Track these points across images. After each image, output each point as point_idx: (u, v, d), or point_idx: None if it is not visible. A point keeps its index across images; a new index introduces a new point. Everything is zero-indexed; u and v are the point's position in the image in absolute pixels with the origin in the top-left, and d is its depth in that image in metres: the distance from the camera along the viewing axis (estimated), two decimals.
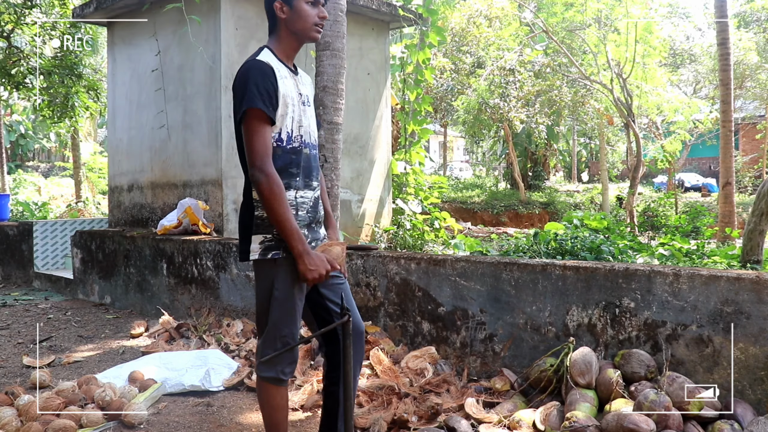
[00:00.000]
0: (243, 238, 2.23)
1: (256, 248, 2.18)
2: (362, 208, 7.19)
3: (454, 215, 17.19)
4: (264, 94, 2.07)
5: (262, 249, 2.18)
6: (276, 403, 2.26)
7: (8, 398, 3.23)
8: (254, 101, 2.05)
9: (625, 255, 5.01)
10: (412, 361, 3.42)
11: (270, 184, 2.06)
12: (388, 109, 7.62)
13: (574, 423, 2.56)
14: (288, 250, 2.16)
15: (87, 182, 20.08)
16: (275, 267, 2.18)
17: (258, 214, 2.19)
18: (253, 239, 2.19)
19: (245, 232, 2.22)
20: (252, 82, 2.07)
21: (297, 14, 2.18)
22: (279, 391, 2.26)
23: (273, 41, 2.24)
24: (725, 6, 10.46)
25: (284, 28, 2.22)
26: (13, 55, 9.67)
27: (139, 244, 5.81)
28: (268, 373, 2.23)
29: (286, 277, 2.19)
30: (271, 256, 2.17)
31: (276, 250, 2.17)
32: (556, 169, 27.73)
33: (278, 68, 2.16)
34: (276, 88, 2.11)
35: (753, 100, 22.89)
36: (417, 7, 7.57)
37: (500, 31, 15.92)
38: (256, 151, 2.07)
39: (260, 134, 2.07)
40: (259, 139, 2.07)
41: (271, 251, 2.17)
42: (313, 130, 2.30)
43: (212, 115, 5.96)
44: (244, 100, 2.07)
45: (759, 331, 2.59)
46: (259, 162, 2.06)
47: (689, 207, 15.64)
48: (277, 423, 2.29)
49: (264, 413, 2.30)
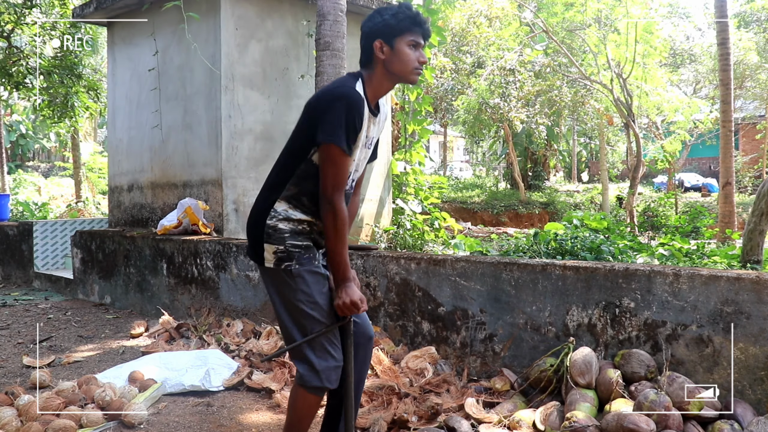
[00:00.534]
0: (254, 241, 2.23)
1: (270, 258, 2.19)
2: (362, 208, 7.19)
3: (454, 215, 17.20)
4: (351, 132, 2.06)
5: (275, 259, 2.18)
6: (307, 412, 2.25)
7: (8, 398, 3.23)
8: (340, 139, 2.04)
9: (625, 255, 5.01)
10: (412, 361, 3.42)
11: (338, 219, 2.09)
12: (388, 109, 7.62)
13: (574, 423, 2.56)
14: (300, 260, 2.18)
15: (87, 182, 20.09)
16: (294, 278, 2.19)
17: (270, 224, 2.19)
18: (266, 248, 2.19)
19: (257, 236, 2.22)
20: (345, 114, 2.04)
21: (397, 56, 2.12)
22: (316, 401, 2.24)
23: (367, 76, 2.18)
24: (725, 6, 10.46)
25: (381, 68, 2.16)
26: (13, 55, 9.68)
27: (139, 244, 5.81)
28: (316, 381, 2.18)
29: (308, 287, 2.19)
30: (285, 267, 2.18)
31: (288, 262, 2.18)
32: (556, 169, 27.72)
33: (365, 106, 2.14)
34: (359, 128, 2.11)
35: (753, 100, 22.90)
36: (417, 7, 7.57)
37: (500, 31, 15.93)
38: (333, 184, 2.08)
39: (340, 168, 2.08)
40: (337, 173, 2.08)
41: (284, 263, 2.18)
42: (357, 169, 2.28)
43: (212, 115, 5.96)
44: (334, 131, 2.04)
45: (759, 331, 2.59)
46: (333, 194, 2.08)
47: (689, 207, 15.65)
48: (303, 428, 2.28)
49: (292, 418, 2.26)
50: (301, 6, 6.40)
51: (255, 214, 2.25)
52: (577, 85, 16.09)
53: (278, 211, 2.19)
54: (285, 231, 2.19)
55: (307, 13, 6.36)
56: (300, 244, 2.20)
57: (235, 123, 5.93)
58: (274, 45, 6.25)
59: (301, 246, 2.20)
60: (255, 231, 2.23)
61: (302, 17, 6.39)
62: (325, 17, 4.76)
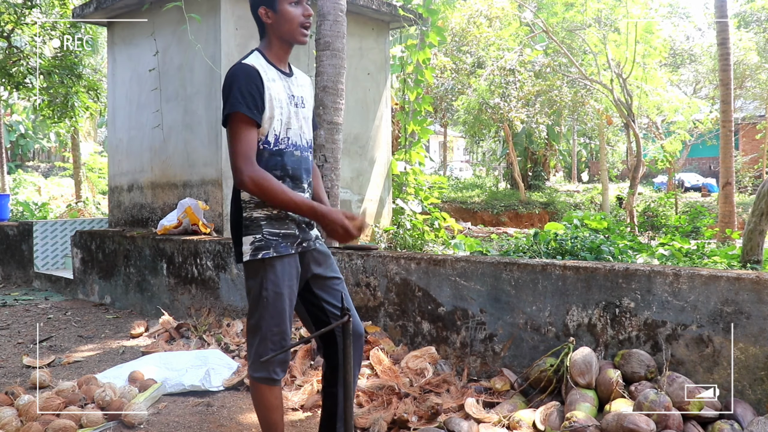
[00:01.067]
0: (235, 240, 2.24)
1: (247, 249, 2.19)
2: (362, 208, 7.19)
3: (454, 215, 17.20)
4: (248, 97, 2.07)
5: (252, 249, 2.18)
6: (270, 404, 2.27)
7: (8, 398, 3.23)
8: (237, 105, 2.05)
9: (625, 255, 5.01)
10: (412, 361, 3.42)
11: (255, 180, 2.05)
12: (388, 109, 7.62)
13: (574, 423, 2.56)
14: (278, 248, 2.18)
15: (87, 182, 20.09)
16: (265, 267, 2.18)
17: (246, 215, 2.19)
18: (244, 240, 2.19)
19: (236, 233, 2.23)
20: (236, 85, 2.07)
21: (282, 17, 2.16)
22: (272, 392, 2.26)
23: (263, 44, 2.24)
24: (725, 6, 10.46)
25: (272, 33, 2.21)
26: (13, 55, 9.68)
27: (139, 244, 5.81)
28: (260, 373, 2.23)
29: (276, 277, 2.19)
30: (262, 256, 2.17)
31: (266, 250, 2.17)
32: (556, 169, 27.72)
33: (266, 70, 2.15)
34: (262, 91, 2.11)
35: (753, 100, 22.90)
36: (417, 7, 7.57)
37: (500, 31, 15.92)
38: (238, 153, 2.06)
39: (243, 137, 2.07)
40: (240, 142, 2.07)
41: (261, 251, 2.17)
42: (305, 131, 2.29)
43: (212, 115, 5.96)
44: (227, 104, 2.07)
45: (759, 331, 2.59)
46: (241, 164, 2.06)
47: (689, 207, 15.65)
48: (273, 423, 2.29)
49: (259, 414, 2.31)
50: None
51: (231, 209, 2.26)
52: (577, 85, 16.09)
53: (245, 200, 2.20)
54: (261, 218, 2.19)
55: None
56: (278, 232, 2.20)
57: None
58: None
59: (279, 234, 2.20)
60: (234, 228, 2.24)
61: None
62: (325, 17, 4.76)
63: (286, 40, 2.22)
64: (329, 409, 2.44)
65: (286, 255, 2.20)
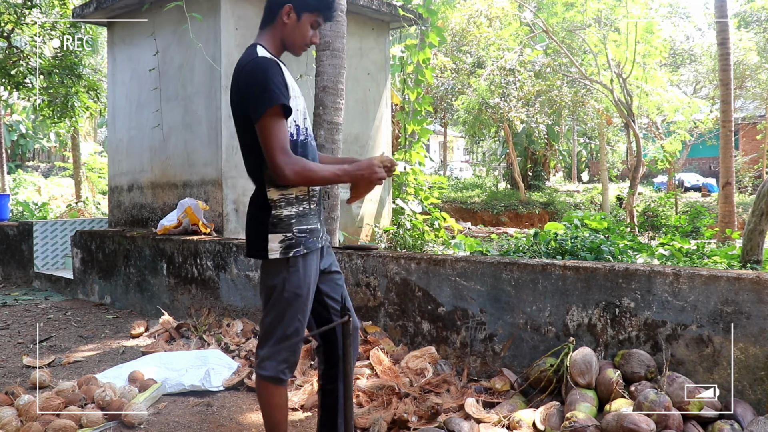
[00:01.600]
0: (258, 237, 2.21)
1: (275, 247, 2.17)
2: (362, 208, 7.19)
3: (454, 215, 17.20)
4: (283, 89, 2.07)
5: (283, 248, 2.17)
6: (276, 403, 2.27)
7: (8, 398, 3.23)
8: (279, 98, 2.03)
9: (625, 255, 5.01)
10: (412, 361, 3.42)
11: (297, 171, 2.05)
12: (388, 109, 7.62)
13: (574, 423, 2.56)
14: (307, 244, 2.20)
15: (87, 182, 20.09)
16: (291, 266, 2.19)
17: (276, 213, 2.18)
18: (271, 238, 2.17)
19: (261, 231, 2.20)
20: (269, 79, 2.04)
21: (299, 28, 2.15)
22: (279, 391, 2.27)
23: (265, 39, 2.20)
24: (725, 6, 10.46)
25: (278, 33, 2.19)
26: (13, 55, 9.67)
27: (139, 244, 5.81)
28: (269, 372, 2.24)
29: (300, 275, 2.20)
30: (293, 253, 2.17)
31: (297, 248, 2.18)
32: (556, 169, 27.72)
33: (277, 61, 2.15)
34: (286, 82, 2.11)
35: (753, 100, 22.90)
36: (417, 7, 7.57)
37: (500, 31, 15.92)
38: (277, 148, 2.04)
39: (280, 131, 2.06)
40: (278, 137, 2.05)
41: (292, 249, 2.17)
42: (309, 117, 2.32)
43: (212, 115, 5.96)
44: (265, 98, 2.03)
45: (759, 331, 2.59)
46: (281, 158, 2.04)
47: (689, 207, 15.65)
48: (278, 423, 2.29)
49: (264, 413, 2.31)
50: None
51: (254, 208, 2.24)
52: (577, 85, 16.09)
53: (275, 199, 2.18)
54: (291, 217, 2.19)
55: None
56: (306, 228, 2.21)
57: None
58: None
59: (307, 231, 2.22)
60: (256, 224, 2.21)
61: None
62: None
63: (285, 45, 2.22)
64: (329, 407, 2.44)
65: (314, 250, 2.23)
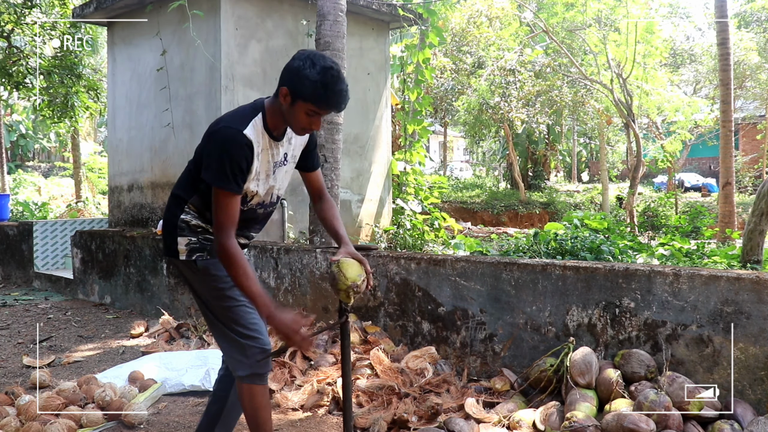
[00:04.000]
0: (168, 236, 2.26)
1: (183, 249, 2.23)
2: (362, 208, 7.19)
3: (454, 215, 17.19)
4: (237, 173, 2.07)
5: (188, 251, 2.23)
6: (258, 402, 2.23)
7: (8, 398, 3.23)
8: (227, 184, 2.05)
9: (625, 255, 5.01)
10: (412, 361, 3.42)
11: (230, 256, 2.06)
12: (388, 109, 7.62)
13: (574, 423, 2.56)
14: (212, 252, 2.21)
15: (87, 182, 20.07)
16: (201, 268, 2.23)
17: (185, 218, 2.23)
18: (180, 241, 2.23)
19: (171, 231, 2.25)
20: (227, 157, 2.05)
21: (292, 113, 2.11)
22: (260, 389, 2.23)
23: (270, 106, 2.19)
24: (725, 6, 10.45)
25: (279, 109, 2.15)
26: (13, 55, 9.67)
27: (139, 244, 5.81)
28: (244, 371, 2.20)
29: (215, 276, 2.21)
30: (196, 258, 2.22)
31: (200, 253, 2.23)
32: (556, 169, 27.72)
33: (259, 141, 2.13)
34: (250, 164, 2.11)
35: (753, 100, 22.88)
36: (417, 7, 7.57)
37: (500, 31, 15.92)
38: (223, 223, 2.08)
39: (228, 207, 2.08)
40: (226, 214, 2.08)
41: (195, 253, 2.23)
42: (277, 189, 2.29)
43: (212, 115, 5.95)
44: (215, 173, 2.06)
45: (759, 331, 2.59)
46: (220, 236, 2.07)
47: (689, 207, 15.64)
48: (263, 422, 2.25)
49: (247, 414, 2.25)
50: (301, 6, 6.40)
51: (170, 208, 2.27)
52: (577, 85, 16.08)
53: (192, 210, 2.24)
54: (199, 227, 2.24)
55: (307, 13, 6.36)
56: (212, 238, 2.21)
57: None
58: (274, 45, 6.25)
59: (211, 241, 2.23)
60: (169, 225, 2.26)
61: (302, 17, 6.39)
62: (325, 17, 4.76)
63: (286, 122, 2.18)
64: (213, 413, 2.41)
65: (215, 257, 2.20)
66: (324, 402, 3.27)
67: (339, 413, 3.21)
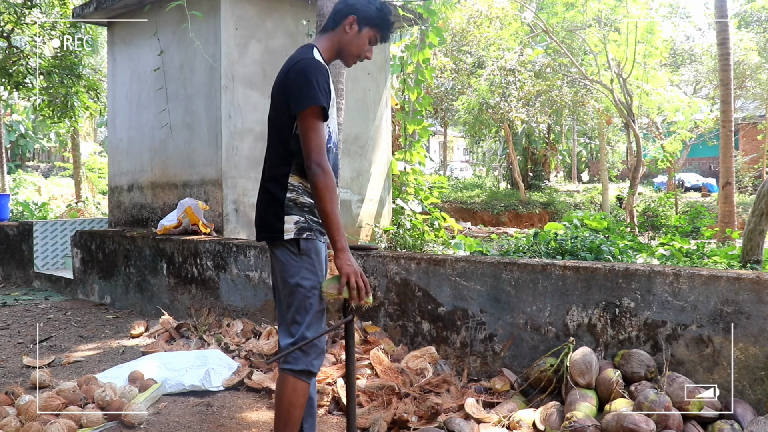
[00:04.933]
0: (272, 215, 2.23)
1: (291, 228, 2.21)
2: (362, 208, 7.19)
3: (454, 215, 17.19)
4: (325, 92, 2.14)
5: (297, 229, 2.21)
6: (297, 400, 2.21)
7: (8, 398, 3.23)
8: (319, 99, 2.12)
9: (625, 255, 5.02)
10: (412, 361, 3.42)
11: (327, 179, 2.11)
12: (388, 109, 7.62)
13: (574, 423, 2.56)
14: (317, 234, 2.23)
15: (87, 182, 20.08)
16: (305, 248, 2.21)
17: (291, 197, 2.21)
18: (287, 219, 2.21)
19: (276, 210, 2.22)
20: (315, 79, 2.12)
21: (358, 39, 2.25)
22: (304, 387, 2.22)
23: (322, 43, 2.29)
24: (725, 6, 10.45)
25: (337, 40, 2.28)
26: (13, 55, 9.67)
27: (139, 244, 5.81)
28: (299, 365, 2.19)
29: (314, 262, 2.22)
30: (306, 236, 2.21)
31: (309, 232, 2.22)
32: (556, 169, 27.71)
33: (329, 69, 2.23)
34: (330, 88, 2.19)
35: (753, 100, 22.88)
36: (417, 7, 7.57)
37: (501, 31, 15.92)
38: (316, 146, 2.12)
39: (320, 131, 2.14)
40: (319, 135, 2.13)
41: (305, 232, 2.21)
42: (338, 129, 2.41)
43: (212, 115, 5.95)
44: (306, 97, 2.12)
45: (759, 331, 2.59)
46: (317, 157, 2.11)
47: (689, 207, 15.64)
48: (295, 421, 2.23)
49: (282, 408, 2.22)
50: (301, 6, 6.40)
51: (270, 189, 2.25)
52: (577, 85, 16.09)
53: (295, 185, 2.23)
54: (306, 205, 2.23)
55: (307, 13, 6.36)
56: (317, 219, 2.24)
57: (235, 123, 5.93)
58: (274, 45, 6.25)
59: (316, 222, 2.24)
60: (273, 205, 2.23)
61: (302, 17, 6.39)
62: (325, 17, 4.76)
63: (341, 53, 2.30)
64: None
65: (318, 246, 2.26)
66: (324, 402, 3.27)
67: (339, 413, 3.21)
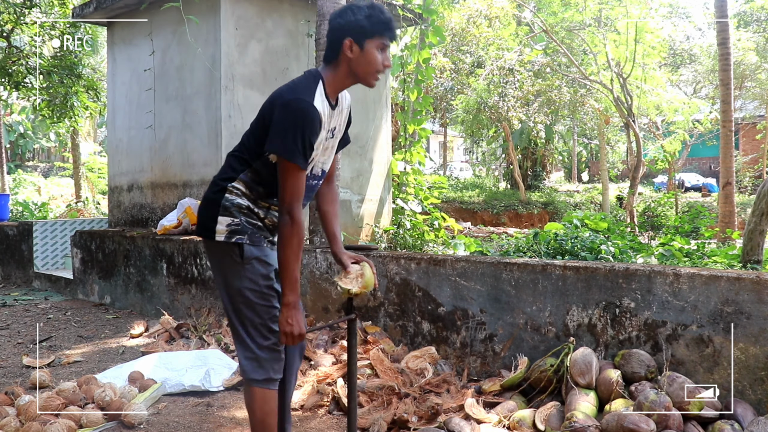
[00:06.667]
0: (206, 213, 2.21)
1: (222, 230, 2.17)
2: (362, 208, 7.19)
3: (454, 215, 17.19)
4: (308, 148, 2.05)
5: (228, 232, 2.17)
6: (270, 407, 2.20)
7: (8, 398, 3.23)
8: (297, 157, 2.03)
9: (625, 255, 5.01)
10: (412, 361, 3.42)
11: (294, 229, 2.05)
12: (388, 109, 7.62)
13: (574, 423, 2.56)
14: (252, 239, 2.17)
15: (87, 182, 20.07)
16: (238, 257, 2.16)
17: (230, 198, 2.17)
18: (220, 220, 2.17)
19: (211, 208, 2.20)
20: (300, 131, 2.02)
21: (365, 58, 2.09)
22: (271, 394, 2.20)
23: (328, 74, 2.14)
24: (725, 6, 10.45)
25: (346, 67, 2.12)
26: (13, 55, 9.66)
27: (139, 244, 5.81)
28: (259, 374, 2.17)
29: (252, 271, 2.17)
30: (236, 240, 2.16)
31: (240, 236, 2.16)
32: (556, 169, 27.71)
33: (323, 112, 2.10)
34: (317, 138, 2.10)
35: (753, 100, 22.88)
36: (417, 8, 7.56)
37: (500, 31, 15.92)
38: (290, 193, 2.06)
39: (297, 180, 2.06)
40: (295, 185, 2.06)
41: (236, 235, 2.16)
42: (326, 162, 2.27)
43: (212, 115, 5.95)
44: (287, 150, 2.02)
45: (759, 331, 2.59)
46: (289, 204, 2.06)
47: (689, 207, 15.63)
48: (270, 428, 2.22)
49: (255, 419, 2.21)
50: (301, 6, 6.40)
51: (212, 186, 2.23)
52: (576, 84, 16.09)
53: (237, 187, 2.19)
54: (243, 207, 2.18)
55: (307, 13, 6.36)
56: (255, 223, 2.19)
57: (235, 123, 5.92)
58: (274, 45, 6.25)
59: (254, 225, 2.19)
60: (211, 204, 2.21)
61: (302, 17, 6.39)
62: (325, 17, 4.76)
63: (357, 78, 2.15)
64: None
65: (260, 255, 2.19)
66: (324, 402, 3.27)
67: (339, 413, 3.21)
